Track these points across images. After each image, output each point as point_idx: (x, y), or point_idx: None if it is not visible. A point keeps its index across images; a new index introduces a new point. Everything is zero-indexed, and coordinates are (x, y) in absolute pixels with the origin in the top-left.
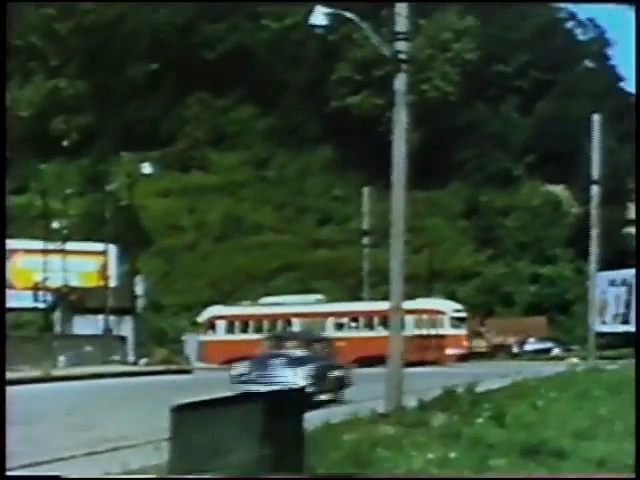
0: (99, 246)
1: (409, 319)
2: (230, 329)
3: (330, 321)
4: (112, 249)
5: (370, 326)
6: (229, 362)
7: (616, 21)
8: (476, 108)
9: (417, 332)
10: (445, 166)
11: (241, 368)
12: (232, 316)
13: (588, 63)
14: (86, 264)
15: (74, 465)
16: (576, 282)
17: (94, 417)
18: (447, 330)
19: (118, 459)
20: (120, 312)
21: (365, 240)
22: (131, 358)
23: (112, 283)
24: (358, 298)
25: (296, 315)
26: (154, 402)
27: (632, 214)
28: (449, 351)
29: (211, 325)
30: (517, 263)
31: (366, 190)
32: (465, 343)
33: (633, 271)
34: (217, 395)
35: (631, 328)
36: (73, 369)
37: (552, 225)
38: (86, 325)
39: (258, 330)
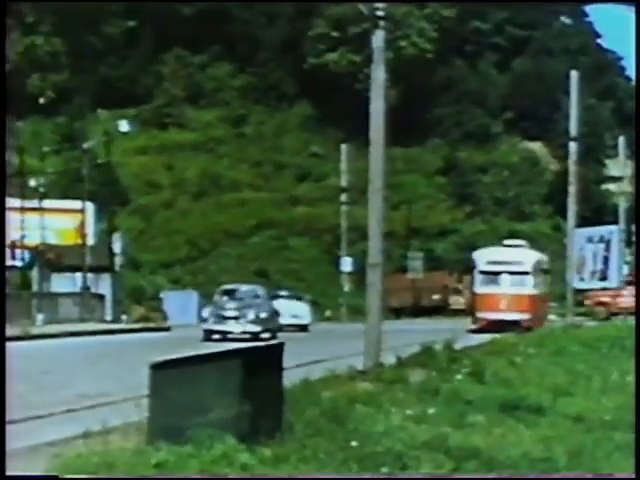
0: (76, 204)
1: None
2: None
3: None
4: (89, 207)
5: None
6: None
7: None
8: (454, 65)
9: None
10: (423, 123)
11: None
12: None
13: (565, 19)
14: (63, 222)
15: (52, 423)
16: (554, 239)
17: (73, 375)
18: (477, 288)
19: (97, 416)
20: (98, 270)
21: (343, 197)
22: (109, 316)
23: (90, 241)
24: (336, 255)
25: None
26: (133, 359)
27: (610, 171)
28: (480, 315)
29: None
30: (495, 220)
31: (344, 147)
32: (501, 306)
33: (611, 228)
34: (196, 352)
35: (608, 284)
36: (51, 327)
37: (530, 182)
38: (64, 283)
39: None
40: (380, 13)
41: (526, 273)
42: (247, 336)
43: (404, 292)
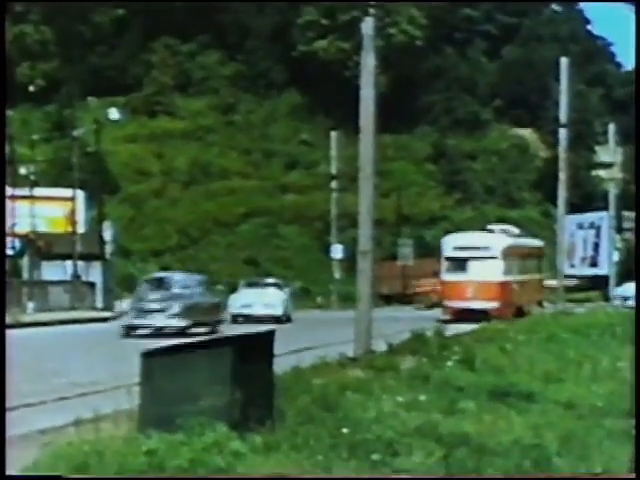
0: (67, 192)
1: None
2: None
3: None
4: (80, 195)
5: None
6: None
7: None
8: (443, 52)
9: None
10: (413, 110)
11: None
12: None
13: (555, 6)
14: (54, 210)
15: (43, 411)
16: (544, 225)
17: (63, 363)
18: (443, 275)
19: (88, 404)
20: (88, 258)
21: (333, 184)
22: (99, 304)
23: (80, 229)
24: (326, 243)
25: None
26: (123, 347)
27: (600, 157)
28: (447, 303)
29: None
30: (485, 207)
31: (334, 134)
32: (468, 294)
33: (601, 214)
34: (187, 340)
35: (599, 271)
36: (42, 315)
37: (519, 169)
38: (54, 271)
39: None
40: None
41: (494, 259)
42: (173, 331)
43: (394, 279)
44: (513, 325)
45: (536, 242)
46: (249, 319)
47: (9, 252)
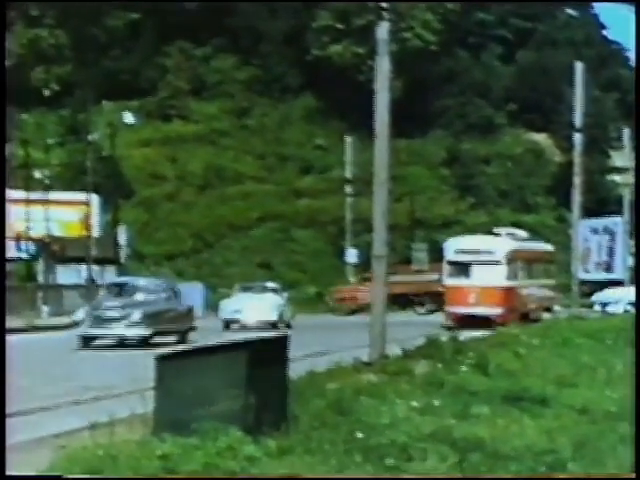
0: (81, 196)
1: None
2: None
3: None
4: (94, 199)
5: None
6: None
7: None
8: (457, 56)
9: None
10: (426, 115)
11: None
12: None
13: (570, 11)
14: (68, 214)
15: (57, 415)
16: (558, 230)
17: (78, 367)
18: (445, 280)
19: (102, 408)
20: (103, 262)
21: (348, 189)
22: None
23: (95, 233)
24: (341, 247)
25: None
26: (137, 352)
27: (614, 162)
28: (449, 309)
29: None
30: (498, 211)
31: (349, 139)
32: (470, 299)
33: (616, 219)
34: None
35: (614, 276)
36: (56, 319)
37: (534, 173)
38: (69, 275)
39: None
40: (384, 4)
41: (497, 263)
42: (134, 341)
43: None
44: (527, 330)
45: (545, 246)
46: (246, 325)
47: (24, 256)
